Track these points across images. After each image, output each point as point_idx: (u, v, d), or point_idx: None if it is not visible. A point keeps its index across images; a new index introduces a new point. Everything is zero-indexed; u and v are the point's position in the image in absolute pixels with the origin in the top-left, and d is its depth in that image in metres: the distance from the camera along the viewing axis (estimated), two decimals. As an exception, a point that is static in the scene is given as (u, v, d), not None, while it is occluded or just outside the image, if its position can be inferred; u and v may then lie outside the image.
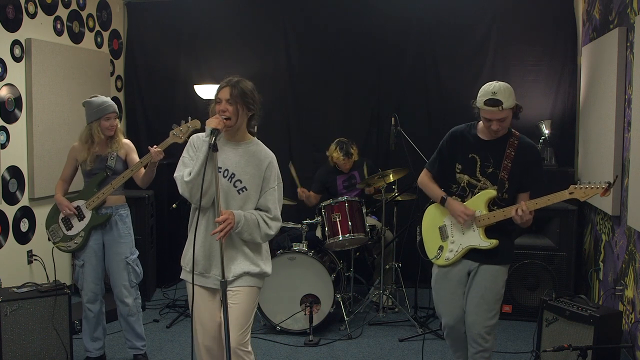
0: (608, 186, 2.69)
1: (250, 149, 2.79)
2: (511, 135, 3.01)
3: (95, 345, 3.81)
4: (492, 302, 3.04)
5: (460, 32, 5.46)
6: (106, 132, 3.66)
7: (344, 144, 4.92)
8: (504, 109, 2.84)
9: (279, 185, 2.82)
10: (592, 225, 4.69)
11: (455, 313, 3.12)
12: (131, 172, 3.62)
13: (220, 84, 2.75)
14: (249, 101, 2.72)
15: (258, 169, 2.76)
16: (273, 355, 4.05)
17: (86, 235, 3.67)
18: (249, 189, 2.74)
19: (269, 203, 2.77)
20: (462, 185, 3.08)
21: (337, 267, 4.62)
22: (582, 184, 2.80)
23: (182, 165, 2.75)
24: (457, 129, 3.15)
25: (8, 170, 4.48)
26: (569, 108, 5.26)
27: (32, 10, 4.73)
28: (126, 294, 3.74)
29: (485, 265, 3.02)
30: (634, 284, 3.66)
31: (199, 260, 2.74)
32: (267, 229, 2.74)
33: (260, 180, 2.76)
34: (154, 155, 3.50)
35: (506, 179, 2.97)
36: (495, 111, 2.85)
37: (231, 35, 5.89)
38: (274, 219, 2.77)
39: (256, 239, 2.74)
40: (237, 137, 2.79)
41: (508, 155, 2.96)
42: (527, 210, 2.84)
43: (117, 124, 3.72)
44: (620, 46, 3.91)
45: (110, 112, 3.65)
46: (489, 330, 3.05)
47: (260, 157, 2.79)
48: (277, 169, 2.82)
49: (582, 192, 2.76)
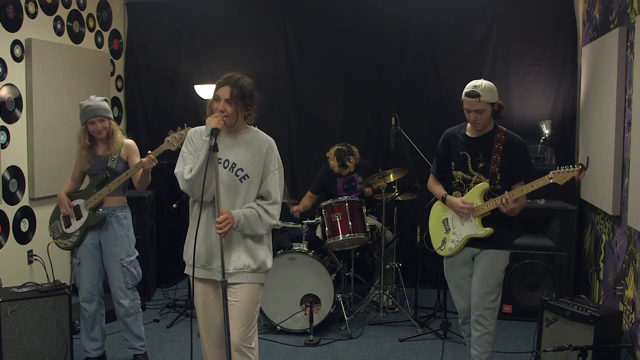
0: (581, 168, 2.93)
1: (248, 137, 2.80)
2: (498, 131, 3.25)
3: (93, 346, 3.81)
4: (492, 285, 3.23)
5: (460, 32, 5.46)
6: (95, 134, 3.65)
7: (342, 154, 4.85)
8: (480, 101, 3.11)
9: (280, 169, 2.83)
10: (593, 225, 4.69)
11: (467, 295, 3.32)
12: (126, 176, 3.62)
13: (220, 81, 2.74)
14: (247, 102, 2.73)
15: (258, 154, 2.77)
16: (273, 355, 4.05)
17: (81, 234, 3.68)
18: (250, 176, 2.75)
19: (270, 187, 2.77)
20: (458, 181, 3.33)
21: (337, 267, 4.62)
22: (560, 168, 2.99)
23: (182, 160, 2.76)
24: (449, 130, 3.42)
25: (8, 170, 4.48)
26: (569, 108, 5.26)
27: (32, 10, 4.73)
28: (122, 295, 3.74)
29: (485, 250, 3.25)
30: (634, 284, 3.66)
31: (201, 253, 2.75)
32: (268, 219, 2.75)
33: (262, 166, 2.77)
34: (146, 163, 3.50)
35: (497, 172, 3.20)
36: (473, 102, 3.13)
37: (231, 35, 5.89)
38: (273, 202, 2.77)
39: (260, 232, 2.75)
40: (235, 127, 2.79)
41: (497, 149, 3.20)
42: (510, 199, 3.08)
43: (109, 126, 3.68)
44: (621, 46, 3.91)
45: (92, 116, 3.61)
46: (490, 312, 3.24)
47: (259, 143, 2.79)
48: (277, 152, 2.83)
49: (560, 175, 2.98)
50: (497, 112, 3.19)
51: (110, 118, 3.70)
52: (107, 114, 3.67)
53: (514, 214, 3.18)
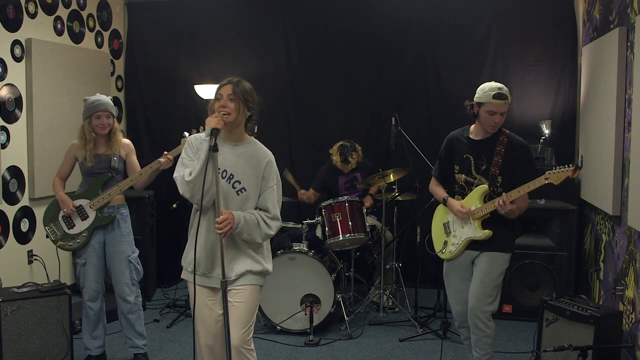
0: (576, 168, 2.92)
1: (248, 149, 2.79)
2: (501, 133, 3.25)
3: (96, 344, 3.82)
4: (489, 287, 3.21)
5: (460, 32, 5.46)
6: (98, 130, 3.65)
7: (345, 149, 4.92)
8: (507, 103, 3.15)
9: (278, 184, 2.82)
10: (593, 225, 4.69)
11: (464, 300, 3.31)
12: (139, 176, 3.62)
13: (222, 82, 2.76)
14: (249, 99, 2.73)
15: (257, 168, 2.76)
16: (273, 355, 4.05)
17: (89, 235, 3.67)
18: (248, 189, 2.74)
19: (268, 203, 2.76)
20: (460, 184, 3.32)
21: (337, 267, 4.62)
22: (555, 168, 2.98)
23: (182, 165, 2.74)
24: (452, 134, 3.42)
25: (8, 170, 4.48)
26: (569, 108, 5.26)
27: (32, 10, 4.73)
28: (128, 291, 3.75)
29: (485, 252, 3.25)
30: (634, 284, 3.66)
31: (202, 260, 2.74)
32: (266, 229, 2.74)
33: (259, 180, 2.76)
34: (164, 163, 3.54)
35: (497, 174, 3.20)
36: (502, 104, 3.13)
37: (231, 35, 5.89)
38: (273, 218, 2.77)
39: (256, 239, 2.74)
40: (235, 137, 2.78)
41: (498, 152, 3.20)
42: (507, 201, 3.06)
43: (113, 124, 3.69)
44: (621, 46, 3.91)
45: (100, 110, 3.62)
46: (487, 315, 3.23)
47: (258, 156, 2.78)
48: (275, 168, 2.82)
49: (555, 176, 2.97)
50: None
51: (115, 116, 3.74)
52: (113, 111, 3.71)
53: (513, 216, 3.15)
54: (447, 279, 3.44)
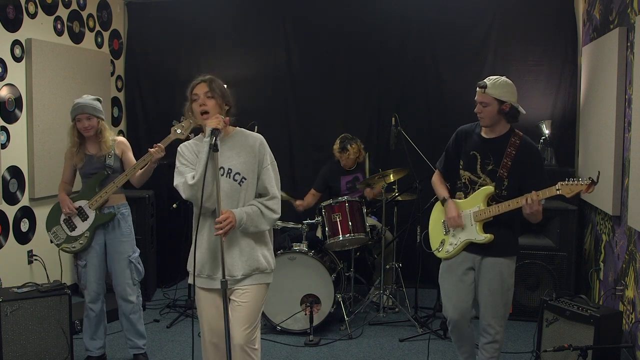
0: (591, 182, 2.80)
1: (237, 139, 2.80)
2: (513, 134, 3.12)
3: (96, 345, 3.82)
4: (498, 293, 3.11)
5: (460, 32, 5.46)
6: (82, 132, 3.63)
7: (345, 138, 4.98)
8: (486, 93, 3.04)
9: (273, 164, 2.82)
10: (593, 225, 4.69)
11: (459, 307, 3.19)
12: (133, 170, 3.60)
13: (192, 83, 2.80)
14: (225, 93, 2.77)
15: (251, 153, 2.76)
16: (273, 355, 4.05)
17: (91, 235, 3.67)
18: (247, 177, 2.75)
19: (266, 183, 2.77)
20: (464, 182, 3.21)
21: (337, 267, 4.62)
22: (569, 180, 2.87)
23: (179, 173, 2.74)
24: (463, 128, 3.30)
25: (8, 170, 4.48)
26: (569, 108, 5.26)
27: (32, 10, 4.73)
28: (130, 292, 3.76)
29: (488, 258, 3.13)
30: (634, 284, 3.66)
31: (206, 263, 2.74)
32: (270, 214, 2.75)
33: (256, 165, 2.77)
34: (154, 153, 3.50)
35: (505, 177, 3.07)
36: (479, 92, 3.07)
37: (231, 35, 5.89)
38: (272, 197, 2.77)
39: (263, 228, 2.75)
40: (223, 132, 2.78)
41: (508, 153, 3.07)
42: (536, 200, 2.87)
43: (97, 125, 3.64)
44: (621, 46, 3.91)
45: (78, 113, 3.59)
46: (498, 321, 3.14)
47: (249, 142, 2.79)
48: (268, 148, 2.82)
49: (567, 188, 2.85)
50: (508, 113, 3.06)
51: (98, 117, 3.65)
52: (94, 113, 3.63)
53: (537, 220, 2.98)
54: (442, 281, 3.31)
